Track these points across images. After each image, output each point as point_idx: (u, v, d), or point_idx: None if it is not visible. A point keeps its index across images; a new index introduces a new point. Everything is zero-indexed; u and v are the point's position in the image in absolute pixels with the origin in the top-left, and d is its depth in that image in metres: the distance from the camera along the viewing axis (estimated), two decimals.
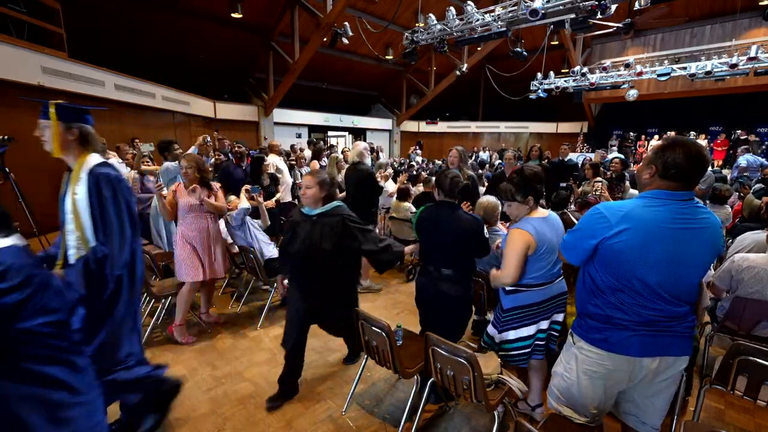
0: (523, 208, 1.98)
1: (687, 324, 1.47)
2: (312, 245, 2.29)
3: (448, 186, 2.32)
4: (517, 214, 2.02)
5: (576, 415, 1.64)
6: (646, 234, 1.36)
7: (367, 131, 17.38)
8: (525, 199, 1.95)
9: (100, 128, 8.06)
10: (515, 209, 2.01)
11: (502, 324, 2.10)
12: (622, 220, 1.39)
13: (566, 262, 1.72)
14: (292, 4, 9.89)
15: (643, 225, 1.37)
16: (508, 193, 1.97)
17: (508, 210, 2.04)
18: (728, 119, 12.45)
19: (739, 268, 2.47)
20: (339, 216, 2.33)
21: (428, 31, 6.92)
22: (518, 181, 1.95)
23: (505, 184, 1.96)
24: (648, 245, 1.36)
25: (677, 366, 1.49)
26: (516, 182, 1.95)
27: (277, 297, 4.03)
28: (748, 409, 2.46)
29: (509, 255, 1.94)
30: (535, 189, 1.95)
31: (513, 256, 1.93)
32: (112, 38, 9.40)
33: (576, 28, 5.31)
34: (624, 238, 1.38)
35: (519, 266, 1.93)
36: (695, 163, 1.34)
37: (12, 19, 6.09)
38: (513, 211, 2.02)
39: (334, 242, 2.29)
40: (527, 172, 1.95)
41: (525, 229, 1.94)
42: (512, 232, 1.96)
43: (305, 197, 2.33)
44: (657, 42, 12.60)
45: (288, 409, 2.46)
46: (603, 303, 1.49)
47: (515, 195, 1.95)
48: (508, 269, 1.95)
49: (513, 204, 1.99)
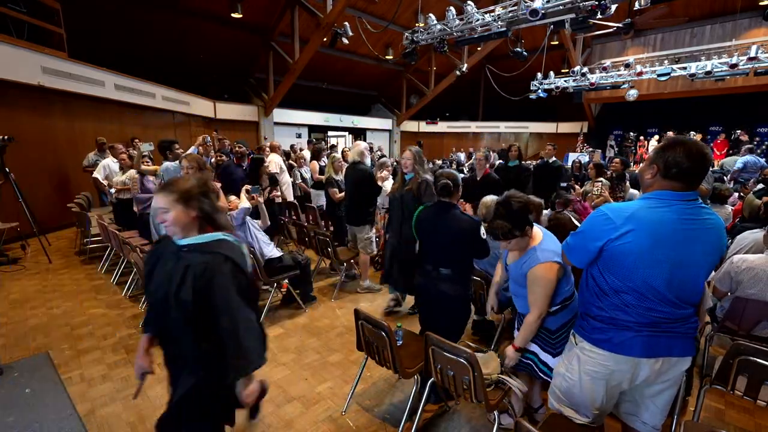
0: (524, 240, 1.86)
1: (690, 325, 1.46)
2: (167, 294, 1.36)
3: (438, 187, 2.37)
4: (520, 247, 1.89)
5: (577, 416, 1.63)
6: (652, 235, 1.35)
7: (367, 131, 17.38)
8: (523, 231, 1.82)
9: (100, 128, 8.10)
10: (517, 244, 1.87)
11: (556, 345, 1.93)
12: (627, 222, 1.38)
13: (570, 264, 1.70)
14: (292, 4, 9.88)
15: (648, 226, 1.35)
16: (504, 230, 1.80)
17: (509, 247, 1.90)
18: (728, 119, 12.44)
19: (738, 269, 2.47)
20: (213, 255, 1.37)
21: (428, 31, 6.91)
22: (509, 217, 1.79)
23: (498, 221, 1.80)
24: (653, 247, 1.35)
25: (680, 367, 1.49)
26: (509, 218, 1.79)
27: (277, 297, 4.04)
28: (748, 409, 2.46)
29: (540, 293, 1.78)
30: (528, 219, 1.82)
31: (543, 293, 1.78)
32: (112, 38, 9.40)
33: (576, 28, 5.30)
34: (629, 240, 1.37)
35: (549, 297, 1.80)
36: (697, 163, 1.33)
37: (12, 19, 6.09)
38: (515, 246, 1.89)
39: (193, 295, 1.33)
40: (515, 206, 1.78)
41: (552, 261, 1.78)
42: (539, 269, 1.78)
43: (165, 225, 1.40)
44: (657, 42, 12.60)
45: (288, 409, 2.46)
46: (606, 305, 1.48)
47: (514, 231, 1.80)
48: (539, 304, 1.79)
49: (513, 240, 1.84)
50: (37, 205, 5.89)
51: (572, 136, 16.40)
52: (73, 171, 6.99)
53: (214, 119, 11.95)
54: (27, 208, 5.25)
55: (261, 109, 13.01)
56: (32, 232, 5.43)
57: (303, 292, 3.94)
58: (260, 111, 13.05)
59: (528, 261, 1.84)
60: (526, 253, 1.87)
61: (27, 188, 5.53)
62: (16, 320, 3.61)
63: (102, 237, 5.01)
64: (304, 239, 4.95)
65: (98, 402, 2.51)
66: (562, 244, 1.71)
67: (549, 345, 1.93)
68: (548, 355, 1.94)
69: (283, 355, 3.07)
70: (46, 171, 6.71)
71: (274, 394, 2.59)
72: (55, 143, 6.84)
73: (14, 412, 2.40)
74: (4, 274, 4.81)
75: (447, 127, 18.88)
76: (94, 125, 7.58)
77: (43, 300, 4.06)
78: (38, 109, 6.48)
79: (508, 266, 2.02)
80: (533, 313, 1.83)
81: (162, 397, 2.55)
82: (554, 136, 17.46)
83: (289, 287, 3.87)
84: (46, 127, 6.66)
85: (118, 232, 4.37)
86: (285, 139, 13.20)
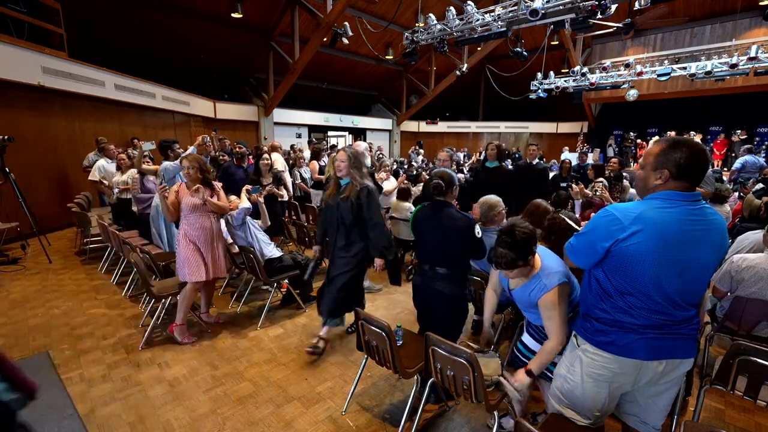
0: (526, 269, 1.80)
1: (693, 326, 1.46)
2: None
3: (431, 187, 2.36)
4: (521, 275, 1.85)
5: (579, 417, 1.62)
6: (660, 236, 1.34)
7: (367, 131, 17.37)
8: (527, 261, 1.76)
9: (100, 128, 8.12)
10: (519, 272, 1.81)
11: None
12: (635, 222, 1.36)
13: (572, 266, 1.68)
14: (292, 4, 9.88)
15: (656, 227, 1.34)
16: (507, 259, 1.73)
17: (510, 275, 1.84)
18: (728, 119, 12.44)
19: (738, 268, 2.48)
20: None
21: (428, 31, 6.91)
22: (514, 246, 1.73)
23: (501, 250, 1.74)
24: (662, 248, 1.34)
25: (682, 368, 1.49)
26: (513, 248, 1.73)
27: (277, 297, 4.04)
28: (748, 409, 2.46)
29: (557, 320, 1.73)
30: (532, 250, 1.77)
31: (560, 319, 1.74)
32: (112, 38, 9.39)
33: (576, 28, 5.30)
34: (637, 241, 1.35)
35: (566, 320, 1.76)
36: (703, 161, 1.35)
37: (12, 19, 6.10)
38: (517, 275, 1.84)
39: None
40: (519, 236, 1.72)
41: (560, 284, 1.74)
42: (550, 297, 1.73)
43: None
44: (657, 42, 12.59)
45: (288, 409, 2.46)
46: (611, 307, 1.47)
47: (517, 261, 1.74)
48: (558, 330, 1.73)
49: (516, 270, 1.78)
50: (37, 205, 5.89)
51: (572, 136, 16.41)
52: (73, 171, 6.99)
53: (214, 119, 11.95)
54: (27, 208, 5.25)
55: (261, 109, 13.01)
56: (32, 232, 5.43)
57: (303, 292, 3.94)
58: (260, 111, 13.05)
59: (535, 289, 1.79)
60: (531, 280, 1.82)
61: (27, 188, 5.54)
62: (16, 320, 3.61)
63: (102, 237, 5.01)
64: (304, 239, 4.95)
65: (98, 402, 2.51)
66: (565, 245, 1.67)
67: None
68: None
69: (283, 355, 3.07)
70: (46, 171, 6.71)
71: (274, 394, 2.59)
72: (55, 143, 6.84)
73: None
74: (4, 274, 4.81)
75: (447, 127, 18.88)
76: (94, 125, 7.58)
77: (43, 300, 4.06)
78: (38, 109, 6.48)
79: (512, 291, 1.97)
80: (554, 341, 1.75)
81: (161, 397, 2.56)
82: (554, 136, 17.48)
83: (289, 287, 3.86)
84: (46, 127, 6.67)
85: (118, 232, 4.38)
86: (285, 139, 13.21)
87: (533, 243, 1.77)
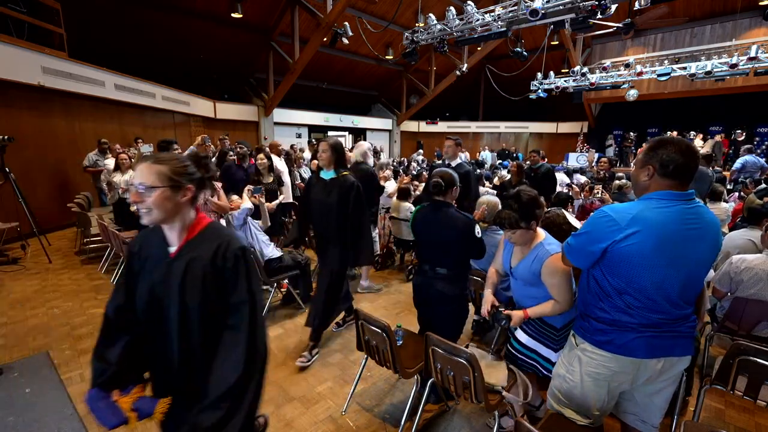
0: (528, 234, 1.89)
1: (690, 324, 1.47)
2: None
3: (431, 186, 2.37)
4: (523, 241, 1.92)
5: (579, 417, 1.63)
6: (657, 236, 1.35)
7: (367, 131, 17.38)
8: (529, 224, 1.85)
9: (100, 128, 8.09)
10: (520, 236, 1.89)
11: (561, 342, 1.93)
12: (632, 223, 1.36)
13: (571, 266, 1.69)
14: (292, 4, 9.88)
15: (653, 227, 1.35)
16: (511, 219, 1.84)
17: (513, 237, 1.93)
18: (728, 119, 12.45)
19: (738, 269, 2.48)
20: None
21: (428, 31, 6.91)
22: (518, 208, 1.83)
23: (506, 211, 1.86)
24: (659, 247, 1.35)
25: (680, 366, 1.50)
26: (516, 209, 1.83)
27: (277, 297, 4.04)
28: (748, 409, 2.46)
29: (559, 282, 1.80)
30: (535, 214, 1.86)
31: (566, 281, 1.80)
32: (112, 38, 9.40)
33: (576, 28, 5.30)
34: (635, 241, 1.36)
35: (571, 286, 1.82)
36: (690, 158, 1.36)
37: (12, 19, 6.09)
38: (519, 239, 1.91)
39: None
40: (524, 198, 1.84)
41: (554, 250, 1.83)
42: (554, 260, 1.80)
43: None
44: (657, 42, 12.59)
45: (288, 409, 2.46)
46: (609, 306, 1.47)
47: (519, 222, 1.83)
48: (565, 294, 1.80)
49: (518, 231, 1.87)
50: (37, 205, 5.89)
51: (572, 136, 16.41)
52: (73, 171, 6.99)
53: (214, 119, 11.95)
54: (27, 208, 5.25)
55: (261, 109, 13.01)
56: (32, 232, 5.43)
57: (303, 292, 3.94)
58: (260, 111, 13.05)
59: (538, 256, 1.85)
60: (533, 250, 1.88)
61: (27, 188, 5.54)
62: (16, 320, 3.61)
63: (102, 237, 5.01)
64: (304, 239, 4.95)
65: None
66: (563, 245, 1.70)
67: (554, 342, 1.95)
68: (551, 351, 1.95)
69: (283, 355, 3.06)
70: (46, 171, 6.71)
71: (274, 394, 2.59)
72: (55, 143, 6.84)
73: (14, 412, 2.40)
74: (4, 274, 4.81)
75: (447, 127, 18.87)
76: (94, 125, 7.58)
77: (43, 300, 4.06)
78: (38, 109, 6.48)
79: (514, 269, 2.00)
80: (560, 303, 1.81)
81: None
82: (554, 136, 17.49)
83: (288, 287, 3.87)
84: (46, 127, 6.67)
85: (118, 232, 4.38)
86: (285, 139, 13.20)
87: (537, 207, 1.85)
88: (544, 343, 1.96)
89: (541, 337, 1.97)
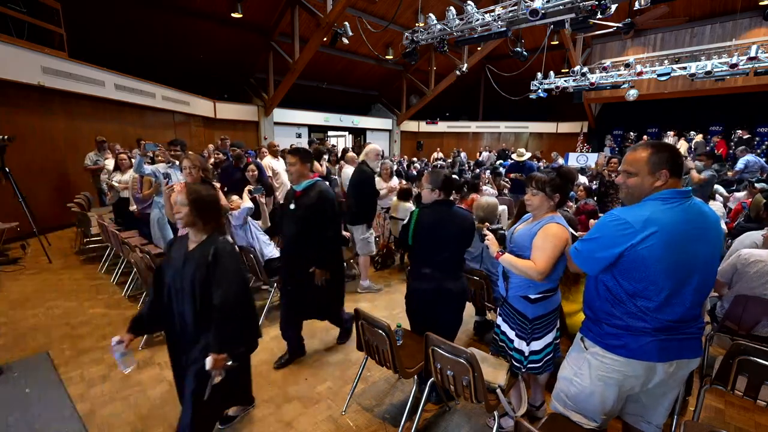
0: (546, 204, 1.89)
1: (699, 325, 1.47)
2: None
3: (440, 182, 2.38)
4: (538, 207, 1.91)
5: (586, 421, 1.60)
6: (672, 236, 1.33)
7: (367, 131, 17.38)
8: (553, 194, 1.87)
9: (100, 128, 8.08)
10: (538, 201, 1.89)
11: (530, 333, 1.96)
12: (647, 225, 1.34)
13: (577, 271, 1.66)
14: (292, 4, 9.88)
15: (667, 227, 1.33)
16: (539, 182, 1.87)
17: (531, 200, 1.92)
18: (728, 119, 12.44)
19: (746, 262, 2.47)
20: None
21: (428, 31, 6.91)
22: (552, 178, 1.88)
23: (539, 175, 1.91)
24: (674, 247, 1.33)
25: (689, 367, 1.49)
26: (550, 179, 1.88)
27: (277, 297, 4.03)
28: (747, 409, 2.46)
29: (548, 248, 1.78)
30: (563, 189, 1.89)
31: (552, 249, 1.78)
32: (112, 38, 9.40)
33: (576, 28, 5.30)
34: (653, 242, 1.33)
35: (554, 263, 1.80)
36: (681, 157, 1.44)
37: (12, 19, 6.10)
38: (535, 203, 1.91)
39: None
40: (563, 171, 1.99)
41: (564, 225, 1.85)
42: (552, 225, 1.82)
43: None
44: (657, 42, 12.58)
45: (288, 409, 2.46)
46: (622, 312, 1.44)
47: (545, 186, 1.86)
48: (545, 262, 1.78)
49: (539, 195, 1.88)
50: (37, 205, 5.89)
51: (572, 136, 16.40)
52: (73, 171, 6.99)
53: (214, 119, 11.96)
54: (27, 208, 5.26)
55: (261, 108, 13.01)
56: (32, 232, 5.43)
57: None
58: (260, 111, 13.05)
59: (542, 222, 1.89)
60: (542, 220, 1.90)
61: (27, 188, 5.54)
62: (15, 320, 3.61)
63: (102, 237, 5.01)
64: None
65: (98, 402, 2.51)
66: (570, 250, 1.65)
67: (524, 332, 1.98)
68: (522, 341, 1.99)
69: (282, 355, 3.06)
70: (46, 171, 6.71)
71: (274, 394, 2.59)
72: (55, 143, 6.84)
73: (14, 412, 2.40)
74: (4, 274, 4.81)
75: (447, 127, 18.88)
76: (94, 125, 7.58)
77: (42, 300, 4.06)
78: (38, 109, 6.48)
79: (513, 236, 2.02)
80: (537, 266, 1.79)
81: (161, 397, 2.55)
82: (554, 136, 17.47)
83: None
84: (46, 127, 6.67)
85: (118, 232, 4.38)
86: (285, 138, 13.21)
87: (565, 185, 1.91)
88: (515, 330, 2.01)
89: (512, 323, 2.02)
